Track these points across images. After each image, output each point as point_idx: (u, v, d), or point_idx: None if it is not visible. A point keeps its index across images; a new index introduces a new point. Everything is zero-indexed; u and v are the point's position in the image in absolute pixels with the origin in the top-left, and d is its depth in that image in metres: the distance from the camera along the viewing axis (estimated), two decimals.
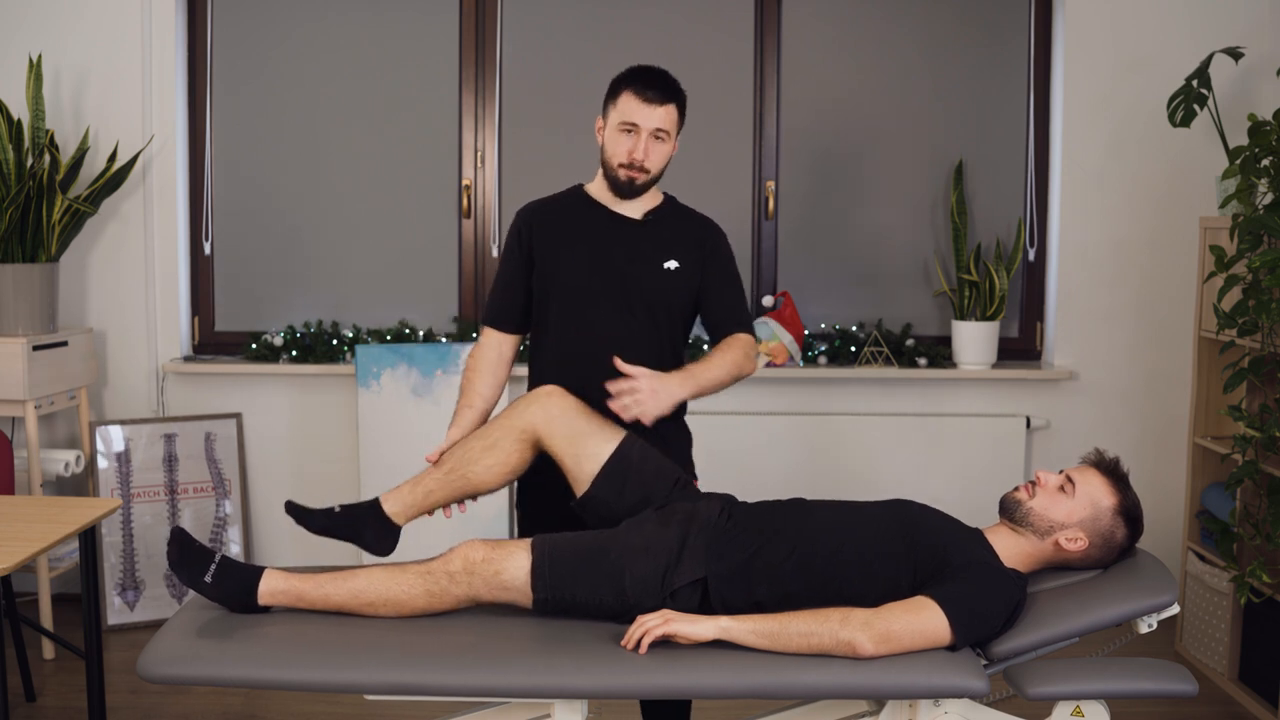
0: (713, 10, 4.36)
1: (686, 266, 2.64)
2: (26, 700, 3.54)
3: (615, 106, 2.58)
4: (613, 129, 2.58)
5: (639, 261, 2.62)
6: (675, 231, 2.66)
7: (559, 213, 2.68)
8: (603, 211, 2.66)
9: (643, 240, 2.64)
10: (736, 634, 2.14)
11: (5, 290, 3.87)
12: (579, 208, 2.68)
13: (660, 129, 2.56)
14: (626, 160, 2.56)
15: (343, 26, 4.39)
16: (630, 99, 2.55)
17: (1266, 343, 3.40)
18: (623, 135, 2.56)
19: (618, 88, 2.58)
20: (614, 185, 2.61)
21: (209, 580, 2.27)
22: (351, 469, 4.33)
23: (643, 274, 2.62)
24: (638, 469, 2.44)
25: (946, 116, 4.39)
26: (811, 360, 4.35)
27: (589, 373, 2.56)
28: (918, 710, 2.16)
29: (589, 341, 2.60)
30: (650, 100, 2.54)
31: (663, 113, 2.55)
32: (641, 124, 2.54)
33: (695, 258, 2.65)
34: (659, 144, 2.58)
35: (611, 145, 2.59)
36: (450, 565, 2.26)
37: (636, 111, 2.54)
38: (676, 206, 2.73)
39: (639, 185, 2.60)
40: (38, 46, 4.20)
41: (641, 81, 2.56)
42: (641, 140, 2.55)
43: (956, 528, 2.37)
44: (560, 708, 2.15)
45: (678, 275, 2.64)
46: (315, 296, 4.46)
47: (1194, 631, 3.91)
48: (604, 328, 2.61)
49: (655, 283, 2.63)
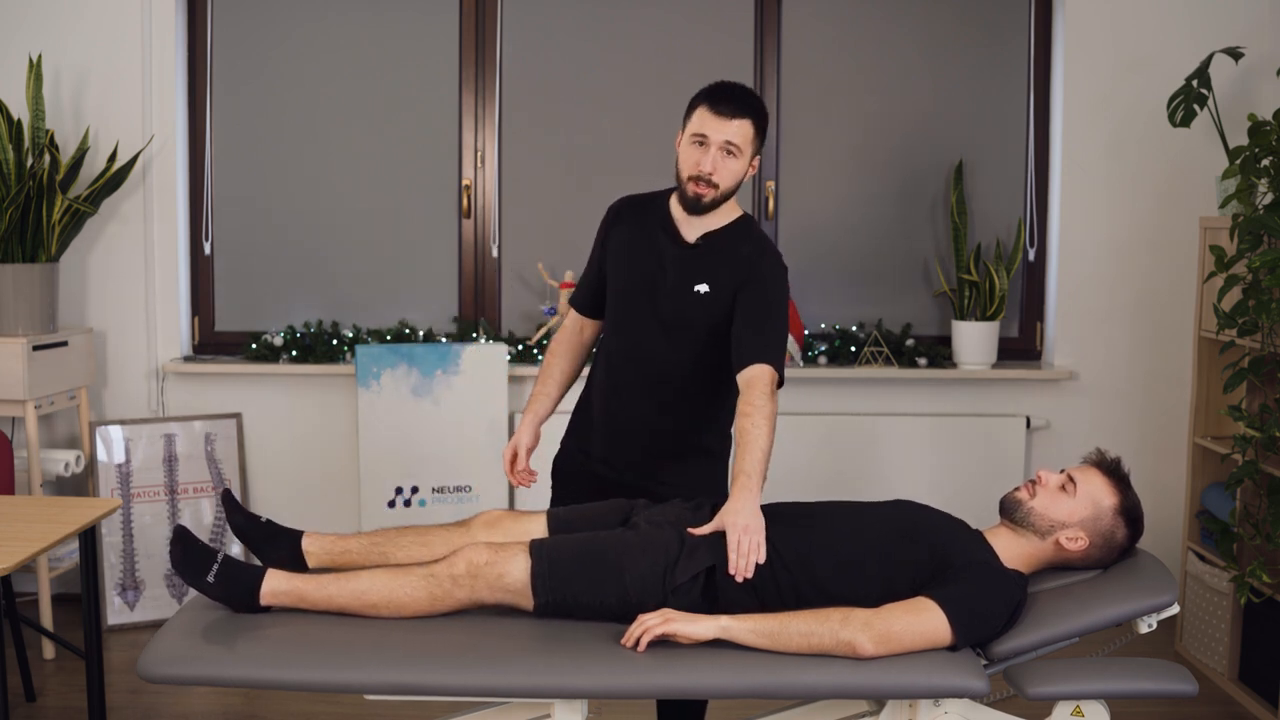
0: (713, 10, 4.36)
1: (717, 290, 2.56)
2: (26, 700, 3.54)
3: (690, 120, 2.54)
4: (685, 142, 2.55)
5: (670, 283, 2.60)
6: (719, 254, 2.58)
7: (639, 217, 2.68)
8: (669, 227, 2.63)
9: (684, 262, 2.60)
10: (736, 633, 2.14)
11: (5, 290, 3.87)
12: (656, 218, 2.65)
13: (731, 143, 2.49)
14: (694, 172, 2.51)
15: (343, 26, 4.39)
16: (703, 112, 2.51)
17: (1266, 343, 3.40)
18: (693, 148, 2.52)
19: (695, 102, 2.56)
20: (682, 200, 2.57)
21: (212, 580, 2.27)
22: (351, 469, 4.33)
23: (673, 297, 2.59)
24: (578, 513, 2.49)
25: (946, 116, 4.39)
26: (811, 360, 4.35)
27: (622, 385, 2.67)
28: (918, 710, 2.16)
29: (629, 347, 2.66)
30: (722, 114, 2.49)
31: (735, 127, 2.49)
32: (711, 136, 2.49)
33: (730, 283, 2.56)
34: (729, 159, 2.51)
35: (683, 158, 2.55)
36: (453, 568, 2.25)
37: (707, 123, 2.49)
38: (740, 230, 2.62)
39: (706, 202, 2.54)
40: (38, 46, 4.20)
41: (717, 95, 2.52)
42: (710, 153, 2.50)
43: (957, 528, 2.37)
44: (560, 708, 2.15)
45: (707, 299, 2.57)
46: (315, 296, 4.46)
47: (1194, 631, 3.91)
48: (641, 338, 2.65)
49: (680, 305, 2.59)
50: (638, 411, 2.64)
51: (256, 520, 2.45)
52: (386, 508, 4.21)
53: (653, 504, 2.51)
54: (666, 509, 2.46)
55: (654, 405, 2.63)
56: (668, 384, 2.63)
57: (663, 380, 2.62)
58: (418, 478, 4.22)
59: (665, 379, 2.62)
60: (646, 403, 2.63)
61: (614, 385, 2.68)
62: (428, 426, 4.20)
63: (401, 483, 4.21)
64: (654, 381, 2.63)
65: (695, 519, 2.40)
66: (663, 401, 2.63)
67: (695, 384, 2.62)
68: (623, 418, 2.66)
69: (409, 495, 4.22)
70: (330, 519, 4.32)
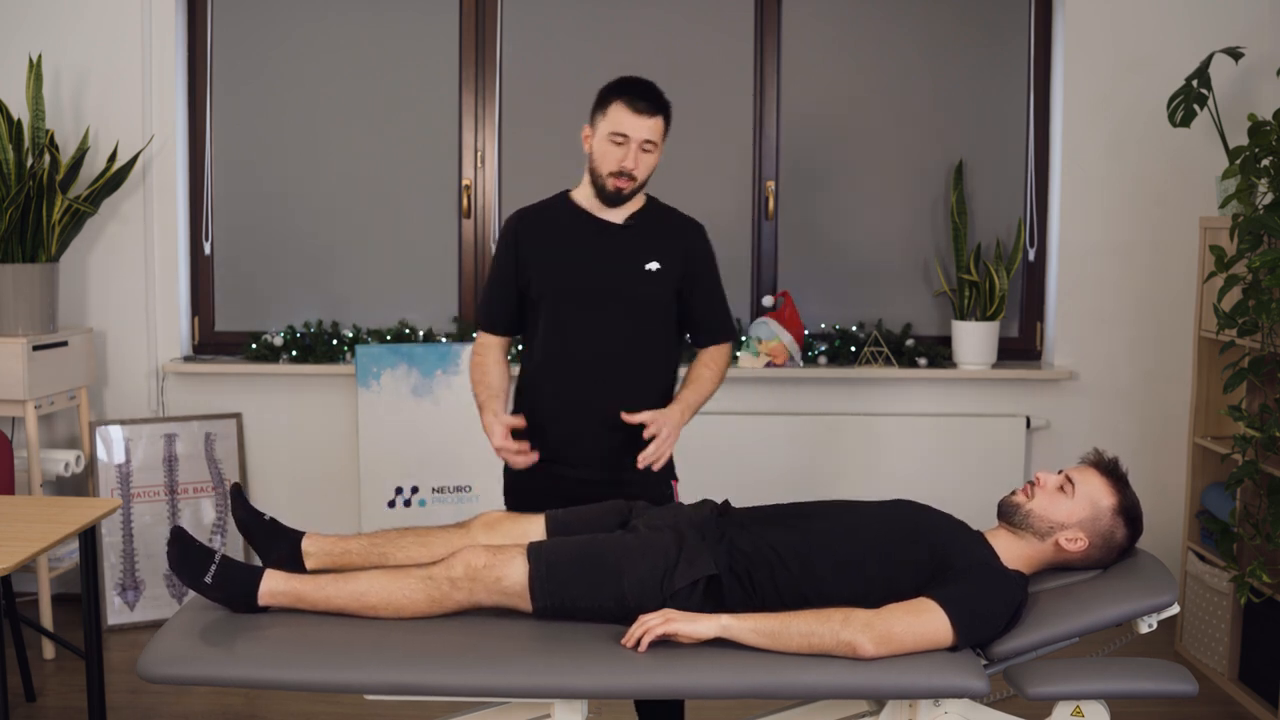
0: (713, 10, 4.36)
1: (667, 267, 2.72)
2: (26, 700, 3.54)
3: (605, 117, 2.65)
4: (602, 139, 2.65)
5: (621, 265, 2.71)
6: (656, 233, 2.75)
7: (547, 220, 2.76)
8: (587, 218, 2.74)
9: (624, 244, 2.72)
10: (737, 632, 2.14)
11: (5, 290, 3.87)
12: (564, 214, 2.76)
13: (649, 140, 2.63)
14: (616, 169, 2.64)
15: (343, 26, 4.39)
16: (621, 110, 2.62)
17: (1266, 343, 3.40)
18: (612, 146, 2.63)
19: (607, 98, 2.66)
20: (601, 194, 2.69)
21: (209, 581, 2.27)
22: (351, 469, 4.33)
23: (625, 277, 2.70)
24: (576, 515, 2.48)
25: (946, 116, 4.39)
26: (811, 360, 4.35)
27: (580, 377, 2.70)
28: (918, 710, 2.16)
29: (580, 346, 2.69)
30: (640, 111, 2.61)
31: (652, 124, 2.63)
32: (632, 135, 2.62)
33: (676, 258, 2.74)
34: (647, 155, 2.65)
35: (601, 155, 2.66)
36: (452, 571, 2.25)
37: (626, 122, 2.61)
38: (659, 208, 2.81)
39: (626, 194, 2.68)
40: (38, 46, 4.20)
41: (632, 93, 2.63)
42: (631, 151, 2.62)
43: (958, 528, 2.37)
44: (560, 708, 2.15)
45: (659, 276, 2.72)
46: (315, 296, 4.46)
47: (1194, 631, 3.91)
48: (594, 332, 2.69)
49: (637, 285, 2.71)
50: (602, 401, 2.68)
51: (260, 517, 2.45)
52: (386, 508, 4.21)
53: (651, 505, 2.51)
54: (665, 511, 2.46)
55: (618, 388, 2.69)
56: (628, 365, 2.71)
57: (623, 362, 2.70)
58: (418, 478, 4.22)
59: (624, 361, 2.70)
60: (610, 388, 2.68)
61: (570, 384, 2.70)
62: (428, 426, 4.20)
63: (401, 483, 4.21)
64: (615, 365, 2.70)
65: (696, 518, 2.40)
66: (626, 383, 2.70)
67: (651, 359, 2.75)
68: (587, 413, 2.70)
69: (409, 495, 4.22)
70: (330, 519, 4.32)
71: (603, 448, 2.70)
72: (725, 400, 4.33)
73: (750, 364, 4.26)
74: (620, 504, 2.53)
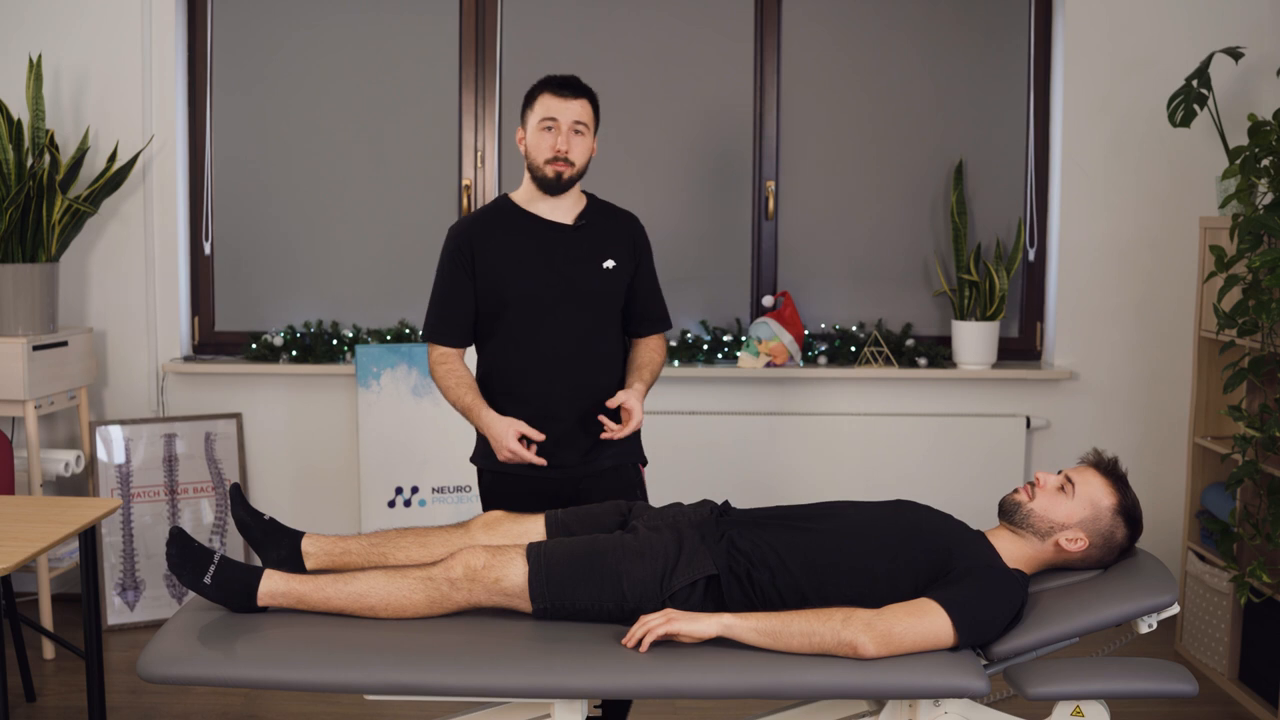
0: (713, 11, 4.36)
1: (622, 263, 2.80)
2: (26, 700, 3.54)
3: (533, 110, 2.75)
4: (534, 131, 2.74)
5: (580, 265, 2.76)
6: (606, 231, 2.81)
7: (496, 227, 2.79)
8: (536, 221, 2.78)
9: (579, 244, 2.77)
10: (738, 631, 2.14)
11: (5, 290, 3.87)
12: (512, 219, 2.79)
13: (579, 121, 2.72)
14: (551, 155, 2.71)
15: (343, 26, 4.39)
16: (547, 98, 2.72)
17: (1266, 343, 3.40)
18: (544, 133, 2.72)
19: (533, 94, 2.76)
20: (543, 184, 2.75)
21: (209, 581, 2.27)
22: (351, 469, 4.33)
23: (586, 276, 2.76)
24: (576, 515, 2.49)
25: (946, 116, 4.39)
26: (811, 360, 4.35)
27: (548, 380, 2.74)
28: (918, 710, 2.16)
29: (546, 350, 2.74)
30: (566, 95, 2.71)
31: (578, 106, 2.72)
32: (561, 117, 2.70)
33: (628, 254, 2.82)
34: (579, 137, 2.73)
35: (535, 146, 2.74)
36: (451, 572, 2.25)
37: (553, 107, 2.71)
38: (600, 204, 2.87)
39: (566, 179, 2.74)
40: (38, 46, 4.20)
41: (556, 82, 2.74)
42: (563, 133, 2.70)
43: (959, 529, 2.37)
44: (560, 708, 2.15)
45: (616, 273, 2.79)
46: (315, 296, 4.46)
47: (1194, 631, 3.91)
48: (558, 335, 2.74)
49: (598, 283, 2.77)
50: (571, 401, 2.73)
51: (260, 517, 2.45)
52: (386, 508, 4.21)
53: (650, 506, 2.51)
54: (665, 511, 2.46)
55: (585, 387, 2.74)
56: (591, 362, 2.77)
57: (587, 360, 2.76)
58: (418, 478, 4.22)
59: (588, 358, 2.76)
60: (578, 387, 2.74)
61: (538, 389, 2.74)
62: (428, 426, 4.20)
63: (401, 483, 4.21)
64: (580, 364, 2.75)
65: (696, 518, 2.40)
66: (591, 380, 2.76)
67: (611, 353, 2.81)
68: (557, 416, 2.73)
69: (409, 495, 4.22)
70: (330, 519, 4.32)
71: (579, 448, 2.75)
72: (725, 400, 4.33)
73: (750, 364, 4.26)
74: (620, 504, 2.53)
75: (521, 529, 2.45)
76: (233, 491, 2.47)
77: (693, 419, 4.27)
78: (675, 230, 4.38)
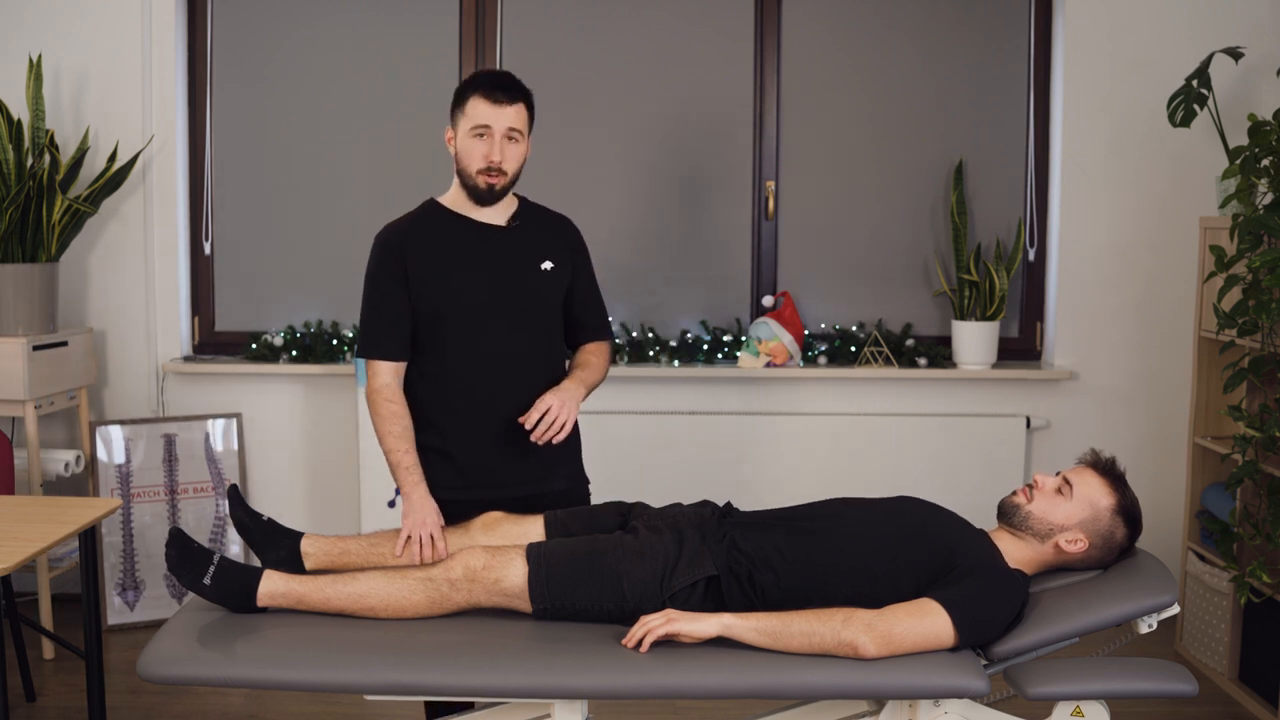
0: (713, 11, 4.36)
1: (559, 265, 2.67)
2: (26, 700, 3.54)
3: (464, 113, 2.56)
4: (465, 136, 2.56)
5: (517, 268, 2.62)
6: (541, 232, 2.68)
7: (425, 232, 2.64)
8: (468, 223, 2.64)
9: (515, 247, 2.64)
10: (739, 631, 2.14)
11: (5, 290, 3.87)
12: (443, 223, 2.64)
13: (513, 128, 2.55)
14: (484, 165, 2.55)
15: (343, 26, 4.39)
16: (479, 103, 2.54)
17: (1266, 343, 3.40)
18: (476, 140, 2.55)
19: (464, 94, 2.57)
20: (474, 194, 2.60)
21: (208, 582, 2.27)
22: (351, 469, 4.33)
23: (523, 280, 2.62)
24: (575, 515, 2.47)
25: (946, 116, 4.39)
26: (811, 360, 4.35)
27: (490, 392, 2.58)
28: (918, 710, 2.16)
29: (487, 360, 2.59)
30: (499, 101, 2.53)
31: (513, 112, 2.54)
32: (494, 125, 2.53)
33: (565, 256, 2.69)
34: (513, 145, 2.56)
35: (466, 153, 2.57)
36: (451, 573, 2.25)
37: (486, 114, 2.53)
38: (532, 207, 2.73)
39: (499, 190, 2.59)
40: (38, 46, 4.20)
41: (489, 84, 2.54)
42: (496, 142, 2.54)
43: (962, 527, 2.37)
44: (560, 708, 2.15)
45: (554, 275, 2.66)
46: (315, 296, 4.46)
47: (1194, 631, 3.91)
48: (500, 340, 2.60)
49: (536, 286, 2.63)
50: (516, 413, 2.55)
51: (258, 518, 2.45)
52: (387, 507, 4.20)
53: (650, 506, 2.51)
54: (665, 511, 2.46)
55: (529, 398, 2.56)
56: (534, 371, 2.62)
57: (529, 369, 2.61)
58: None
59: (530, 367, 2.61)
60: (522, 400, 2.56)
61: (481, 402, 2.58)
62: None
63: None
64: (522, 374, 2.60)
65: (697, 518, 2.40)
66: (533, 387, 2.59)
67: (553, 361, 2.68)
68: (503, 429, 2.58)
69: None
70: (330, 519, 4.32)
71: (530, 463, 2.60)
72: (726, 400, 4.33)
73: (750, 364, 4.26)
74: (619, 504, 2.53)
75: (521, 530, 2.44)
76: (231, 493, 2.46)
77: (693, 419, 4.27)
78: (675, 230, 4.38)
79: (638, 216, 4.37)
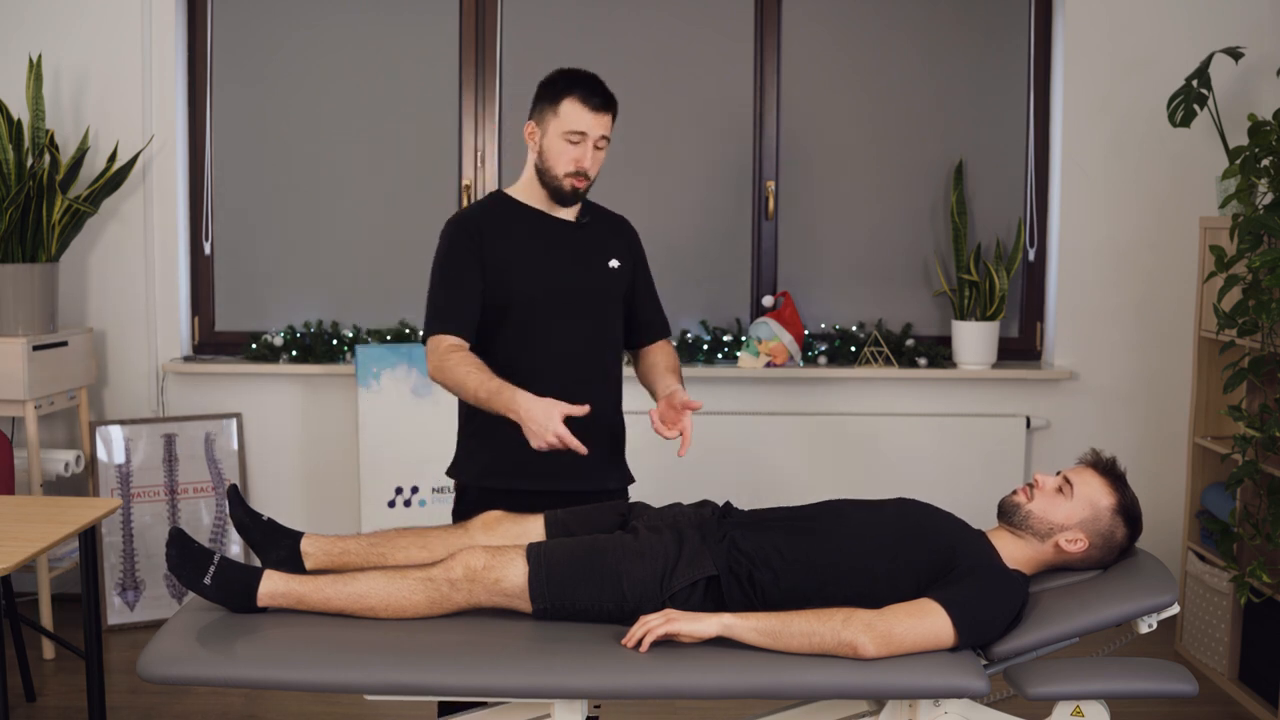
0: (712, 11, 4.36)
1: (624, 264, 2.70)
2: (26, 700, 3.54)
3: (556, 114, 2.55)
4: (555, 137, 2.55)
5: (586, 264, 2.64)
6: (607, 231, 2.71)
7: (501, 222, 2.62)
8: (543, 217, 2.64)
9: (586, 243, 2.66)
10: (739, 631, 2.14)
11: (5, 290, 3.87)
12: (518, 216, 2.63)
13: (604, 136, 2.57)
14: (574, 169, 2.55)
15: (343, 26, 4.39)
16: (576, 106, 2.53)
17: (1266, 343, 3.40)
18: (568, 144, 2.54)
19: (557, 94, 2.55)
20: (556, 194, 2.60)
21: (209, 582, 2.27)
22: (351, 469, 4.33)
23: (593, 276, 2.64)
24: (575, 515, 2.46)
25: (946, 116, 4.39)
26: (811, 360, 4.35)
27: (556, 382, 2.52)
28: (918, 710, 2.16)
29: (555, 352, 2.59)
30: (596, 108, 2.54)
31: (608, 120, 2.57)
32: (589, 133, 2.54)
33: (628, 256, 2.72)
34: (599, 152, 2.58)
35: (554, 154, 2.56)
36: (451, 572, 2.25)
37: (582, 119, 2.53)
38: (593, 205, 2.74)
39: (582, 193, 2.61)
40: (38, 46, 4.20)
41: (586, 89, 2.54)
42: (588, 149, 2.55)
43: (962, 529, 2.36)
44: (560, 708, 2.15)
45: (620, 274, 2.68)
46: (315, 296, 4.46)
47: (1194, 631, 3.91)
48: (566, 336, 2.60)
49: (605, 283, 2.66)
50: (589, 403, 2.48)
51: (258, 518, 2.45)
52: (386, 508, 4.21)
53: (650, 506, 2.51)
54: (665, 511, 2.46)
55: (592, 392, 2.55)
56: (598, 366, 2.64)
57: (593, 364, 2.63)
58: (418, 478, 4.22)
59: (595, 362, 2.64)
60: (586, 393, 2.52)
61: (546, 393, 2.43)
62: (428, 426, 4.20)
63: (401, 483, 4.21)
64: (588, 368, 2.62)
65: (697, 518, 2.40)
66: (597, 385, 2.62)
67: (614, 358, 2.70)
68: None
69: (409, 495, 4.22)
70: (330, 519, 4.32)
71: (591, 458, 2.51)
72: (725, 400, 4.33)
73: (750, 364, 4.26)
74: (620, 504, 2.53)
75: (521, 529, 2.44)
76: (231, 493, 2.46)
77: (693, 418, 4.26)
78: (675, 230, 4.38)
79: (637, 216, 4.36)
